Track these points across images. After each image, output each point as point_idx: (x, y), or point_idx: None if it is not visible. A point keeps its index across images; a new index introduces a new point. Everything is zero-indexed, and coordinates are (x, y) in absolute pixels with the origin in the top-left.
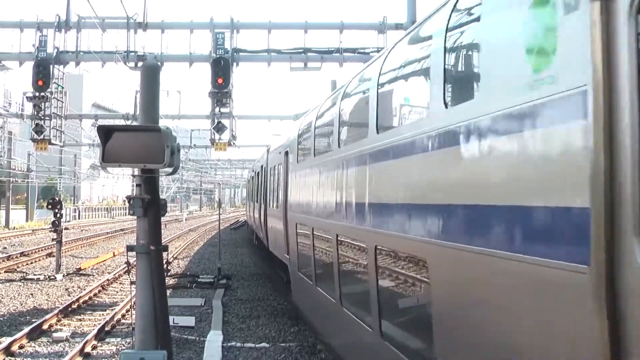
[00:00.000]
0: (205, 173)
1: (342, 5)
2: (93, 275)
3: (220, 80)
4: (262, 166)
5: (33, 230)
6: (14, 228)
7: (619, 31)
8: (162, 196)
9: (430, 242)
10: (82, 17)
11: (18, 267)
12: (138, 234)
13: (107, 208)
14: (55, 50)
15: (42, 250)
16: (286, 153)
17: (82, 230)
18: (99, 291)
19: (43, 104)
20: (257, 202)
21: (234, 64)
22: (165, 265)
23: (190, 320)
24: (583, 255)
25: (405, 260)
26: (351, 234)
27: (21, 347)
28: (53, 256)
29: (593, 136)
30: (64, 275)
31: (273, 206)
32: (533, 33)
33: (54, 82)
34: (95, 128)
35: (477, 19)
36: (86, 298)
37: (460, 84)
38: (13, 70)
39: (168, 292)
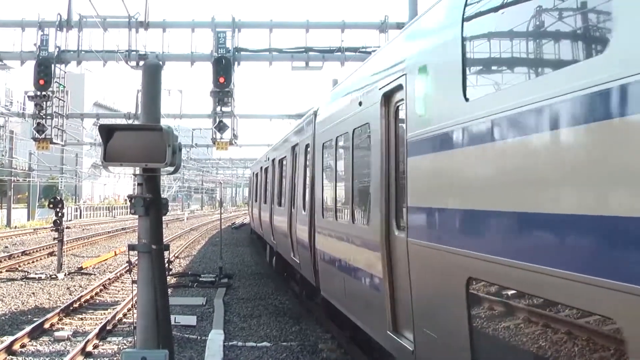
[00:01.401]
0: (206, 172)
1: (343, 5)
2: (94, 275)
3: (221, 80)
4: (293, 147)
5: (34, 230)
6: (16, 227)
7: None
8: (164, 195)
9: None
10: (84, 16)
11: (19, 266)
12: (139, 233)
13: (108, 207)
14: (57, 49)
15: (43, 249)
16: (386, 97)
17: (83, 230)
18: (101, 290)
19: (44, 103)
20: (280, 205)
21: (236, 63)
22: (166, 264)
23: (191, 320)
24: None
25: None
26: None
27: (23, 346)
28: (54, 255)
29: None
30: (65, 274)
31: (335, 216)
32: None
33: (56, 81)
34: (97, 127)
35: None
36: (88, 297)
37: None
38: (14, 69)
39: (169, 291)
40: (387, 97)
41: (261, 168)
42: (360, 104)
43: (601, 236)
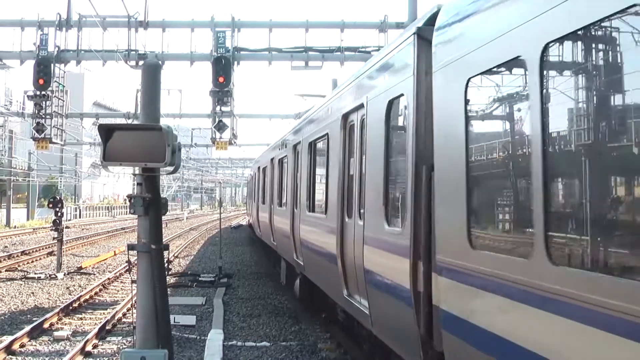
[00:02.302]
0: (206, 172)
1: (343, 4)
2: (94, 274)
3: (221, 79)
4: (345, 117)
5: (34, 229)
6: (15, 227)
7: None
8: (163, 195)
9: None
10: (83, 15)
11: (19, 265)
12: (139, 232)
13: (108, 207)
14: (56, 48)
15: (43, 249)
16: None
17: (83, 229)
18: (100, 290)
19: (44, 102)
20: (312, 211)
21: (235, 62)
22: (166, 264)
23: (191, 319)
24: None
25: None
26: None
27: (22, 345)
28: (54, 255)
29: None
30: (65, 274)
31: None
32: None
33: (55, 81)
34: (96, 127)
35: None
36: (87, 297)
37: None
38: (14, 68)
39: (169, 290)
40: None
41: (272, 160)
42: None
43: None
